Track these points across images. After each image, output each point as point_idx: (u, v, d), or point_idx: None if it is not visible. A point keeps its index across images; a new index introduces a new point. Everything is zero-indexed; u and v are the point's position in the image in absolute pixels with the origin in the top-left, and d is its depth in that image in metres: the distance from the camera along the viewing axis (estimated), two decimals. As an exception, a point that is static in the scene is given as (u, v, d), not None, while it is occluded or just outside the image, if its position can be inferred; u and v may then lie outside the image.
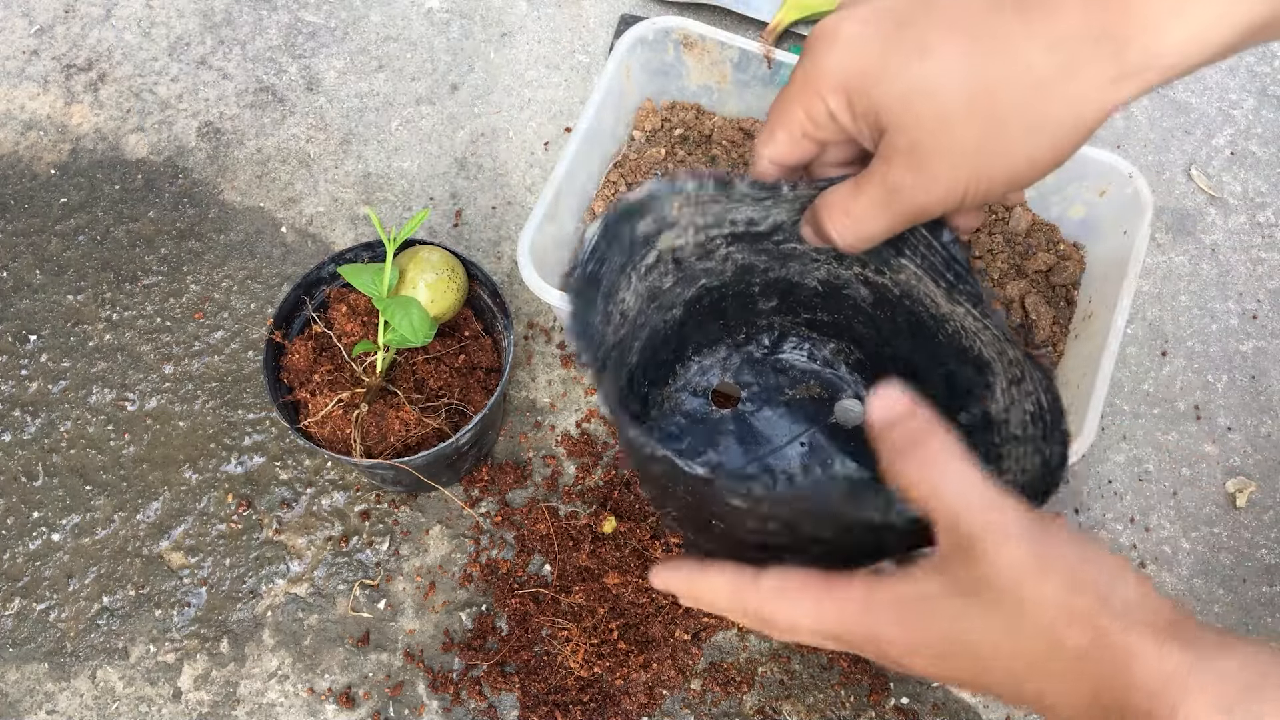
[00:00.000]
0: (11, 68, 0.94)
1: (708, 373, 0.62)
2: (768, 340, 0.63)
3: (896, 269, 0.52)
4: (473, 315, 0.74)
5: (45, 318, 0.83)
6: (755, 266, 0.57)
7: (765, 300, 0.60)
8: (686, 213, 0.50)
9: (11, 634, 0.72)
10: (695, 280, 0.57)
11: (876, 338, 0.59)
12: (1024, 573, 0.34)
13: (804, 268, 0.57)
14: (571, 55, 0.94)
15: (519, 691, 0.69)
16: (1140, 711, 0.33)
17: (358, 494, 0.76)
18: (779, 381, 0.63)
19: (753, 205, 0.51)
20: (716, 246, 0.54)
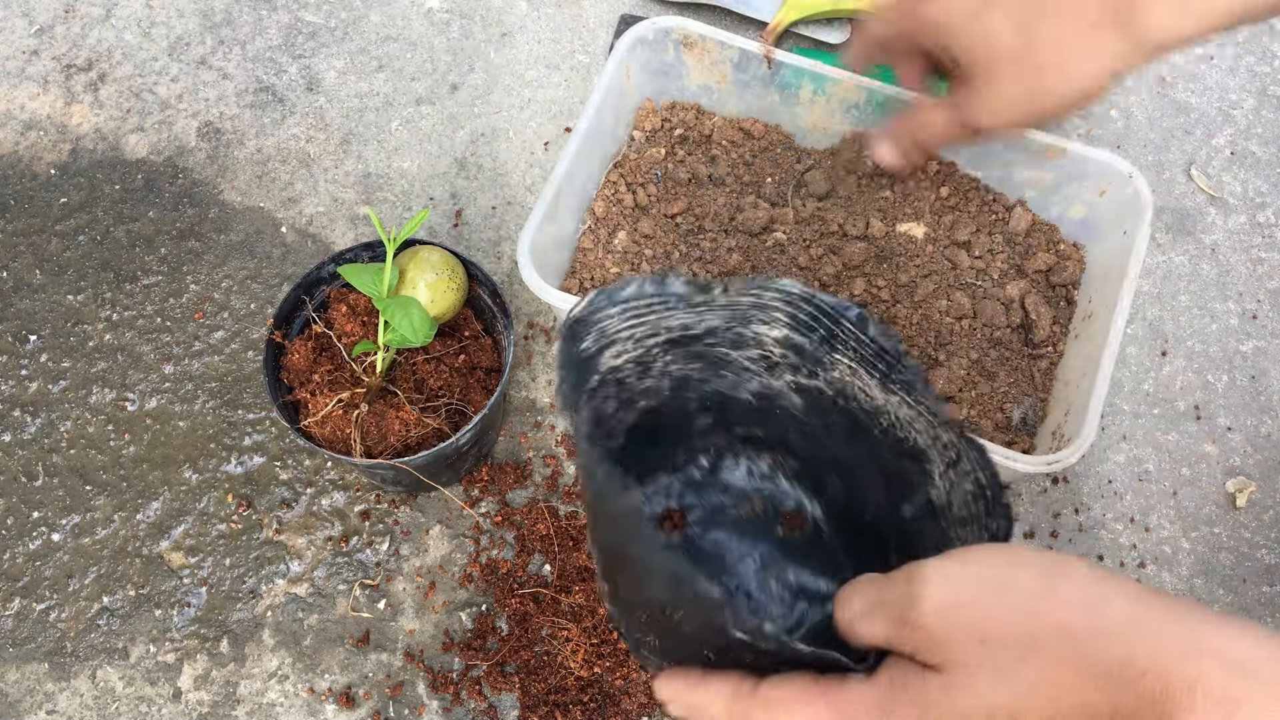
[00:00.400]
0: (11, 68, 0.94)
1: (651, 500, 0.64)
2: (705, 461, 0.64)
3: (830, 366, 0.54)
4: (473, 315, 0.74)
5: (45, 318, 0.83)
6: (690, 379, 0.58)
7: (701, 418, 0.61)
8: (625, 324, 0.52)
9: (11, 634, 0.72)
10: (635, 403, 0.58)
11: (812, 446, 0.60)
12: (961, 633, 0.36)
13: (737, 378, 0.58)
14: (571, 55, 0.94)
15: (519, 691, 0.69)
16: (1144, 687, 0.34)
17: (358, 494, 0.76)
18: (722, 501, 0.64)
19: (686, 311, 0.53)
20: (654, 358, 0.56)
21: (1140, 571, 0.74)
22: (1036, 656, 0.35)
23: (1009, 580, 0.36)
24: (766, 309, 0.53)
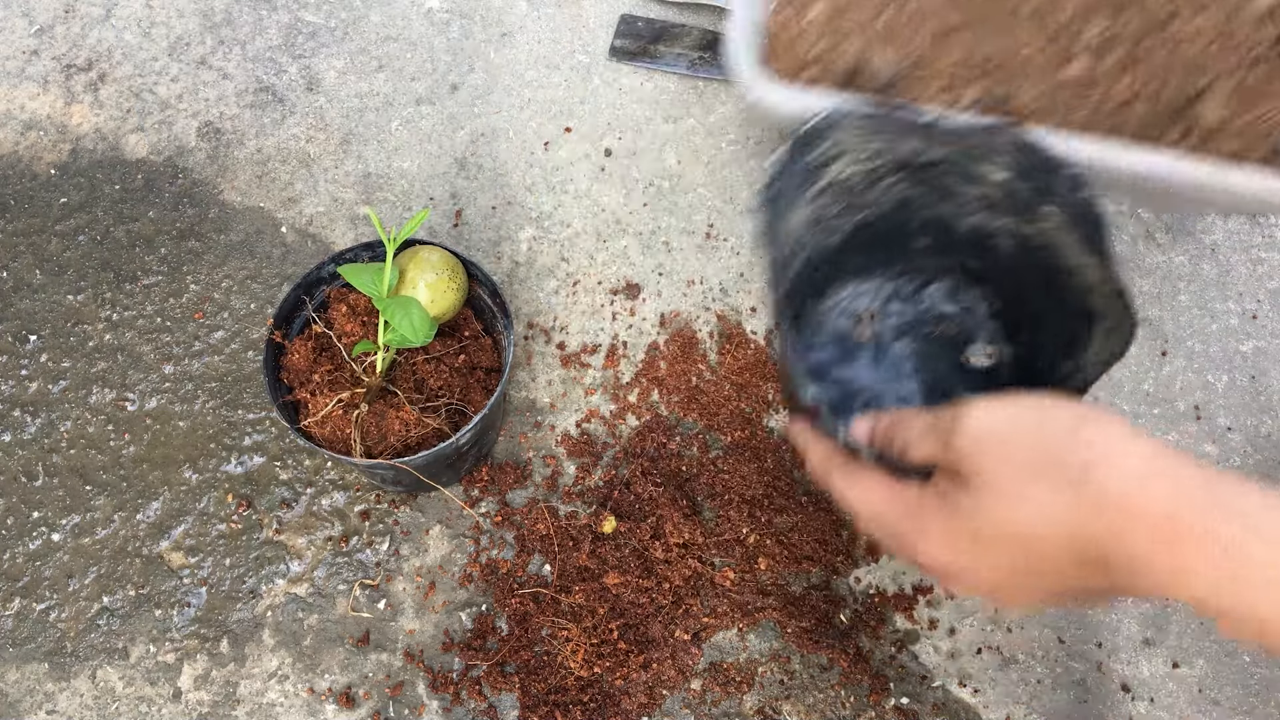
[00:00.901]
0: (11, 68, 0.94)
1: (860, 298, 0.69)
2: (918, 278, 0.68)
3: (1042, 218, 0.58)
4: (473, 315, 0.74)
5: (45, 318, 0.83)
6: (913, 200, 0.62)
7: (920, 238, 0.65)
8: (859, 140, 0.56)
9: (11, 634, 0.72)
10: (857, 210, 0.62)
11: (1016, 289, 0.64)
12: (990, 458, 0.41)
13: (958, 209, 0.62)
14: (571, 55, 0.94)
15: (519, 691, 0.69)
16: None
17: (358, 494, 0.76)
18: (921, 317, 0.69)
19: (920, 137, 0.57)
20: (881, 176, 0.60)
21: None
22: (1051, 484, 0.39)
23: (1043, 420, 0.40)
24: (995, 150, 0.56)
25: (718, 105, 0.90)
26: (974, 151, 0.57)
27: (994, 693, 0.70)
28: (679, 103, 0.90)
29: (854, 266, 0.67)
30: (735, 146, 0.88)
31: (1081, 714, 0.70)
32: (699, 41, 0.92)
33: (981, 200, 0.60)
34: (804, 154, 0.56)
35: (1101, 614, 0.73)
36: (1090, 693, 0.71)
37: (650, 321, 0.82)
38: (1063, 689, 0.71)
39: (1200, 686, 0.71)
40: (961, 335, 0.68)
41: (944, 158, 0.58)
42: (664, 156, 0.88)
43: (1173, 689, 0.71)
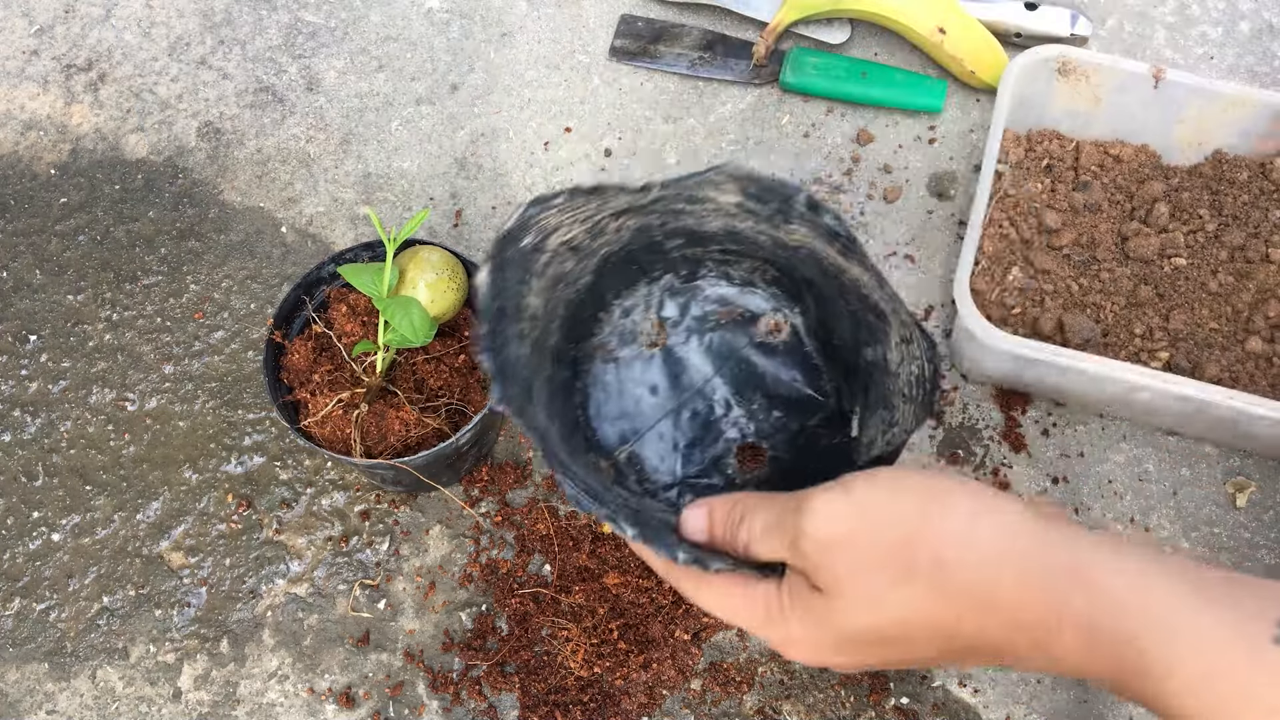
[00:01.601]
0: (11, 68, 0.94)
1: (630, 313, 0.63)
2: (684, 270, 0.63)
3: (789, 233, 0.53)
4: (473, 315, 0.74)
5: (45, 318, 0.83)
6: (650, 226, 0.57)
7: (671, 241, 0.60)
8: (565, 217, 0.51)
9: (11, 634, 0.72)
10: (596, 253, 0.57)
11: (786, 262, 0.59)
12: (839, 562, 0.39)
13: (700, 220, 0.57)
14: (571, 55, 0.94)
15: (519, 691, 0.69)
16: None
17: (358, 494, 0.76)
18: (702, 309, 0.63)
19: (629, 196, 0.51)
20: (604, 225, 0.55)
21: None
22: (909, 586, 0.37)
23: (889, 511, 0.38)
24: (714, 184, 0.52)
25: (718, 105, 0.90)
26: (694, 190, 0.52)
27: (994, 693, 0.70)
28: (679, 103, 0.90)
29: (615, 286, 0.62)
30: (735, 146, 0.88)
31: (1081, 714, 0.70)
32: (699, 41, 0.92)
33: (719, 212, 0.55)
34: (513, 247, 0.50)
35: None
36: (1090, 693, 0.70)
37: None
38: (1063, 689, 0.71)
39: (1200, 686, 0.71)
40: (748, 313, 0.63)
41: (664, 195, 0.52)
42: (664, 156, 0.88)
43: (1173, 689, 0.71)
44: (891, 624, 0.38)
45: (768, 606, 0.42)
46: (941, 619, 0.37)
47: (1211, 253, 0.75)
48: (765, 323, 0.63)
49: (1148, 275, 0.75)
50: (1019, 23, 0.90)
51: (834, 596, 0.39)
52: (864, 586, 0.38)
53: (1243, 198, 0.76)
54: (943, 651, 0.39)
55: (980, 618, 0.37)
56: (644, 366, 0.63)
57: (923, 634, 0.38)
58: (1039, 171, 0.79)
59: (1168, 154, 0.80)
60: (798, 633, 0.41)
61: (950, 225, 0.84)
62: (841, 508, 0.39)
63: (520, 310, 0.52)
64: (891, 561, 0.37)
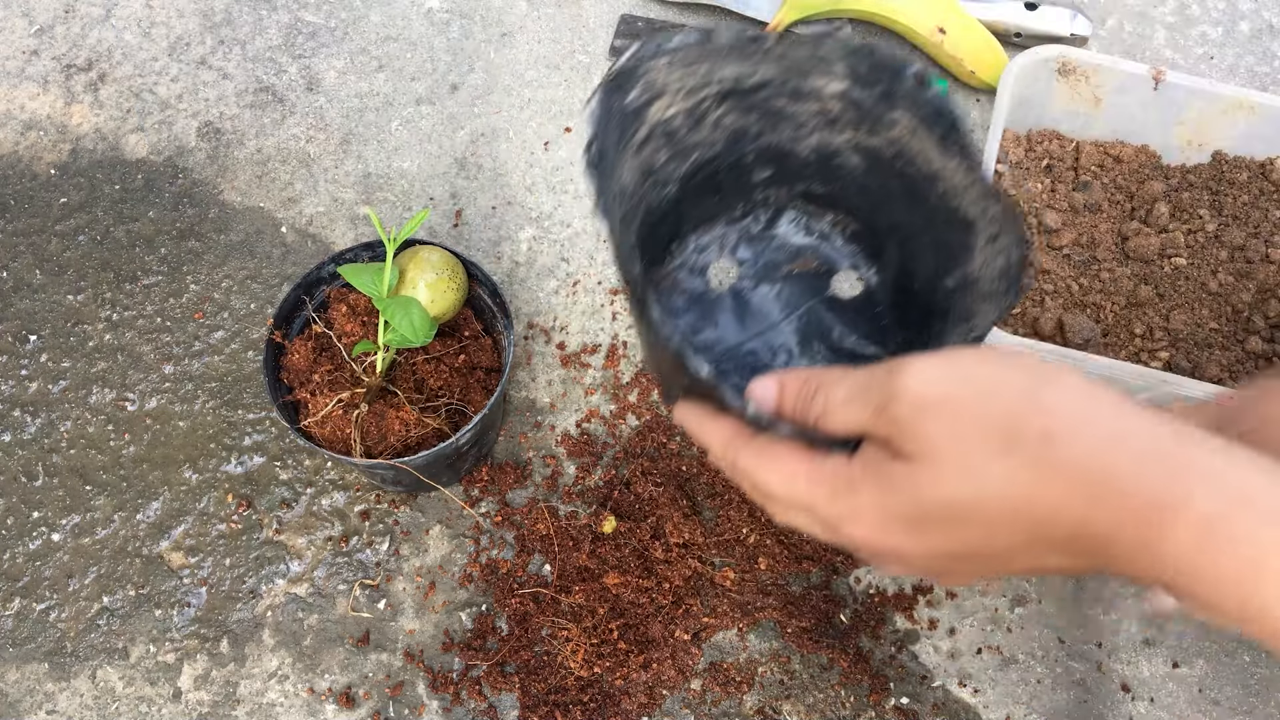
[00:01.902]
0: (11, 68, 0.94)
1: (705, 250, 0.62)
2: (764, 215, 0.62)
3: (889, 125, 0.52)
4: (473, 315, 0.74)
5: (45, 318, 0.83)
6: (747, 131, 0.56)
7: (760, 170, 0.59)
8: (675, 75, 0.50)
9: (11, 634, 0.72)
10: (688, 154, 0.56)
11: (871, 207, 0.58)
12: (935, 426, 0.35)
13: (796, 133, 0.56)
14: (571, 55, 0.94)
15: (519, 691, 0.69)
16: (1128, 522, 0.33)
17: (358, 494, 0.76)
18: (776, 257, 0.62)
19: (739, 61, 0.51)
20: (706, 111, 0.53)
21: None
22: (1010, 459, 0.34)
23: (995, 381, 0.35)
24: (825, 61, 0.51)
25: (718, 105, 0.90)
26: (803, 66, 0.51)
27: (994, 693, 0.70)
28: (679, 103, 0.90)
29: (695, 217, 0.61)
30: (735, 146, 0.88)
31: (1081, 714, 0.70)
32: (699, 41, 0.92)
33: (820, 116, 0.54)
34: (618, 99, 0.49)
35: (1101, 614, 0.73)
36: (1090, 693, 0.71)
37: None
38: (1063, 689, 0.71)
39: (1200, 686, 0.71)
40: (824, 267, 0.62)
41: (771, 78, 0.52)
42: (664, 156, 0.88)
43: (1173, 689, 0.71)
44: (982, 499, 0.35)
45: (835, 478, 0.38)
46: (1041, 499, 0.34)
47: (1211, 253, 0.75)
48: (839, 279, 0.61)
49: (1148, 275, 0.75)
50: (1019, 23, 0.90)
51: (923, 463, 0.35)
52: (960, 454, 0.35)
53: (1243, 198, 0.76)
54: (1026, 542, 0.35)
55: (1086, 501, 0.33)
56: (710, 302, 0.62)
57: (1011, 517, 0.35)
58: (1039, 171, 0.79)
59: (1168, 154, 0.80)
60: (867, 504, 0.37)
61: (950, 225, 0.84)
62: (945, 371, 0.36)
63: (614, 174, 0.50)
64: (995, 431, 0.34)
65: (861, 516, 0.37)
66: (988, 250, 0.50)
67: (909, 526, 0.36)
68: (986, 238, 0.50)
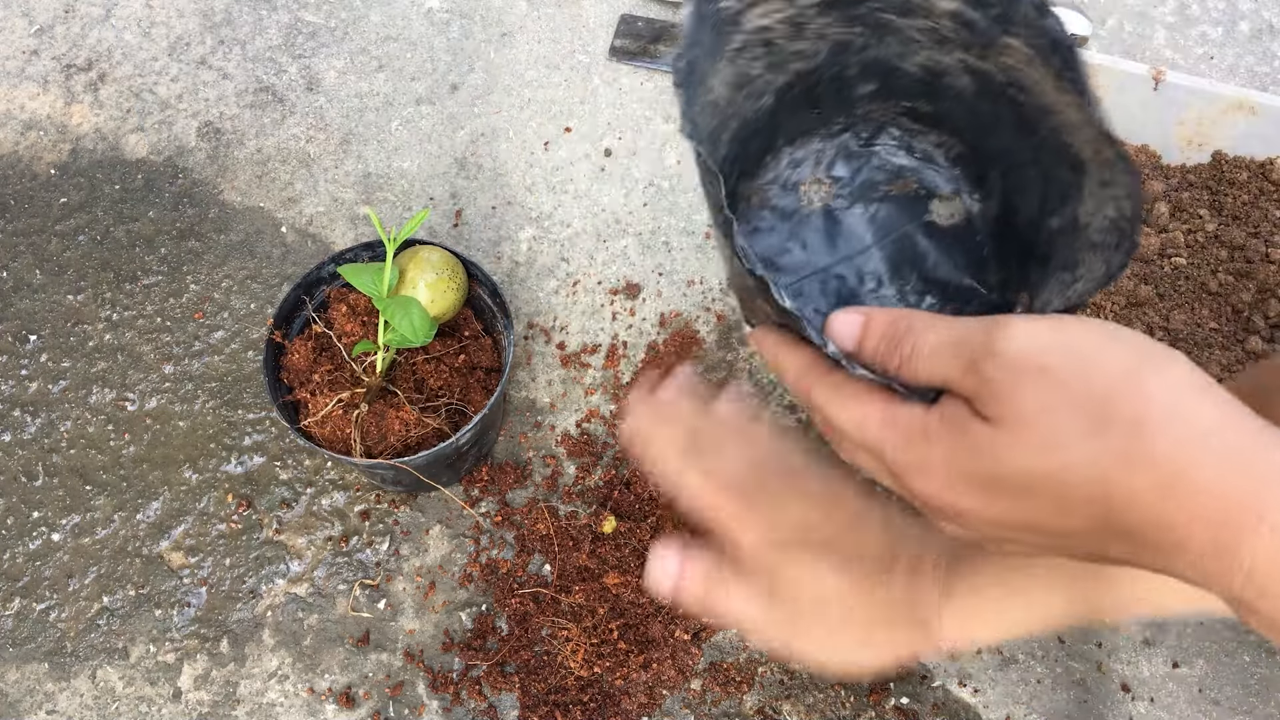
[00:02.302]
0: (11, 68, 0.94)
1: (800, 166, 0.59)
2: (864, 132, 0.59)
3: (1001, 50, 0.50)
4: (473, 315, 0.74)
5: (45, 318, 0.83)
6: (850, 44, 0.54)
7: (862, 84, 0.57)
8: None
9: (11, 634, 0.72)
10: (786, 65, 0.54)
11: (979, 131, 0.56)
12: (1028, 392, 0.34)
13: (903, 48, 0.54)
14: (571, 55, 0.94)
15: (519, 691, 0.69)
16: None
17: (358, 494, 0.76)
18: (874, 176, 0.60)
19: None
20: (808, 19, 0.51)
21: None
22: (1098, 440, 0.33)
23: (1099, 356, 0.34)
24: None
25: (718, 105, 0.90)
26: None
27: (994, 693, 0.70)
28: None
29: (790, 130, 0.58)
30: (735, 146, 0.88)
31: (1081, 714, 0.70)
32: (699, 41, 0.92)
33: (929, 34, 0.52)
34: (711, 4, 0.47)
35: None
36: (1090, 693, 0.71)
37: (650, 321, 0.82)
38: (1063, 689, 0.71)
39: (1200, 686, 0.71)
40: (923, 189, 0.59)
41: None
42: (664, 156, 0.88)
43: (1173, 689, 0.71)
44: (1062, 475, 0.34)
45: (910, 426, 0.37)
46: (1120, 486, 0.33)
47: (1211, 252, 0.75)
48: (940, 204, 0.59)
49: (1148, 275, 0.75)
50: (1019, 23, 0.90)
51: (1007, 428, 0.34)
52: (1049, 425, 0.34)
53: (1242, 197, 0.76)
54: (1096, 526, 0.34)
55: (1163, 495, 0.33)
56: (800, 220, 0.59)
57: (1087, 498, 0.34)
58: None
59: (1168, 154, 0.80)
60: (939, 459, 0.36)
61: (950, 225, 0.84)
62: (1048, 338, 0.35)
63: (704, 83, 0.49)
64: (1089, 409, 0.33)
65: (932, 470, 0.36)
66: (1099, 195, 0.47)
67: (980, 489, 0.36)
68: (1099, 181, 0.47)
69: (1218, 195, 0.77)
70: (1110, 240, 0.46)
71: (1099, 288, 0.45)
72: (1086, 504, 0.34)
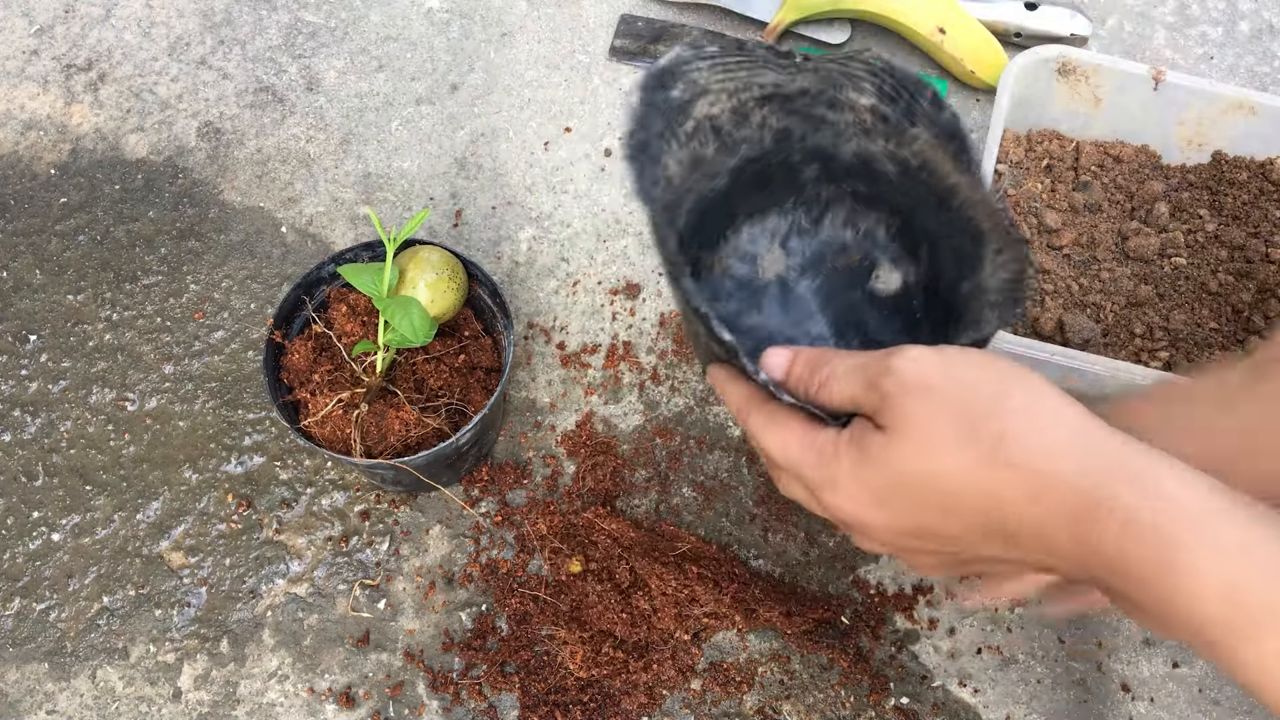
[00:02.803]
0: (11, 68, 0.94)
1: (756, 240, 0.66)
2: (814, 210, 0.66)
3: (912, 140, 0.57)
4: (473, 315, 0.74)
5: (45, 318, 0.83)
6: (791, 132, 0.60)
7: (807, 169, 0.63)
8: (716, 77, 0.55)
9: (11, 634, 0.72)
10: (736, 149, 0.60)
11: (908, 209, 0.62)
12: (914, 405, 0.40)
13: (836, 138, 0.60)
14: (571, 55, 0.94)
15: (519, 691, 0.69)
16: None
17: (358, 494, 0.76)
18: (823, 250, 0.66)
19: (775, 71, 0.56)
20: (750, 110, 0.58)
21: None
22: (969, 449, 0.38)
23: (973, 380, 0.40)
24: (854, 78, 0.56)
25: (718, 105, 0.90)
26: (836, 79, 0.57)
27: (994, 693, 0.70)
28: (679, 103, 0.90)
29: (747, 207, 0.65)
30: (735, 146, 0.88)
31: (1081, 714, 0.70)
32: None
33: (856, 125, 0.59)
34: (660, 95, 0.54)
35: (1101, 614, 0.73)
36: (1090, 693, 0.71)
37: (650, 321, 0.82)
38: (1063, 689, 0.71)
39: (1200, 686, 0.71)
40: (866, 262, 0.66)
41: (809, 87, 0.57)
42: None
43: (1173, 689, 0.71)
44: (944, 476, 0.39)
45: (823, 448, 0.43)
46: (990, 491, 0.38)
47: (1211, 252, 0.75)
48: (881, 276, 0.66)
49: (1148, 275, 0.75)
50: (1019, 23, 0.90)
51: (896, 435, 0.40)
52: (928, 432, 0.39)
53: (1242, 197, 0.76)
54: (977, 529, 0.39)
55: (1028, 497, 0.38)
56: (757, 289, 0.66)
57: (964, 502, 0.39)
58: (1039, 171, 0.79)
59: (1168, 153, 0.80)
60: (846, 476, 0.42)
61: (950, 225, 0.84)
62: (932, 361, 0.41)
63: (657, 161, 0.54)
64: (961, 421, 0.39)
65: (839, 484, 0.42)
66: (995, 261, 0.54)
67: (876, 497, 0.41)
68: (994, 250, 0.54)
69: (1218, 195, 0.77)
70: (1005, 299, 0.53)
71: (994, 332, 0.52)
72: (965, 508, 0.39)
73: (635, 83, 0.51)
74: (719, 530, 0.75)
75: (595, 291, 0.83)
